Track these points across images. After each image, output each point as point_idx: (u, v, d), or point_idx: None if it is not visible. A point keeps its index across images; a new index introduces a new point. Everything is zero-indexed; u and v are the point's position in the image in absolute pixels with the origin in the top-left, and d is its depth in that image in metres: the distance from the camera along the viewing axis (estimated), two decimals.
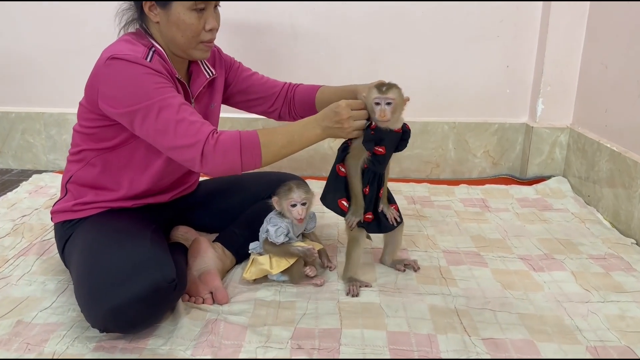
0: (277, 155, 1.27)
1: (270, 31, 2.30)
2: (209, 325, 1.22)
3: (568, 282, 1.45)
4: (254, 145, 1.23)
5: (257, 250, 1.42)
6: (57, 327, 1.23)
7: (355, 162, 1.35)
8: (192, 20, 1.28)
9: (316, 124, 1.29)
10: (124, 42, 1.29)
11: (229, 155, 1.21)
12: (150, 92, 1.20)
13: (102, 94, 1.24)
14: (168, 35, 1.31)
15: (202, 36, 1.32)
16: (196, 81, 1.43)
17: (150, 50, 1.28)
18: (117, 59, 1.21)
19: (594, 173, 2.04)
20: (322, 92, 1.56)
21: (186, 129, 1.20)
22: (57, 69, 2.40)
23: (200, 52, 1.35)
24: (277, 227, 1.38)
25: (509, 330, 1.23)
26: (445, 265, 1.54)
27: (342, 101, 1.29)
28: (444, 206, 2.03)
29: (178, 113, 1.20)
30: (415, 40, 2.30)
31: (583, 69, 2.22)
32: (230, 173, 1.25)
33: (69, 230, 1.38)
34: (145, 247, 1.22)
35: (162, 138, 1.21)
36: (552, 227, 1.83)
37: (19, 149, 2.49)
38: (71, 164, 1.41)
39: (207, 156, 1.20)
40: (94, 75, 1.27)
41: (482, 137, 2.40)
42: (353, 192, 1.37)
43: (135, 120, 1.22)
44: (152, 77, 1.22)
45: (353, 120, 1.29)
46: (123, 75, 1.21)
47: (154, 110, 1.20)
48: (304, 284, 1.42)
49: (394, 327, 1.23)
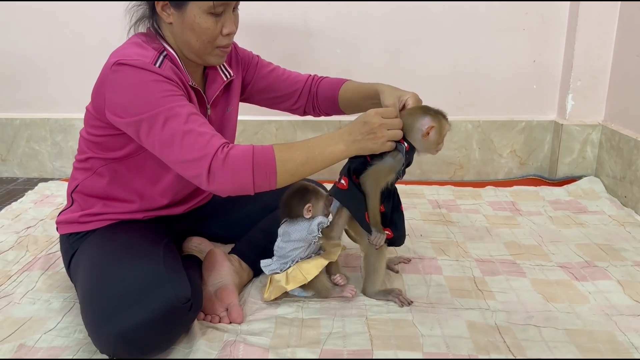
0: (294, 175, 1.14)
1: (283, 29, 2.20)
2: (227, 348, 1.12)
3: (615, 293, 1.34)
4: (268, 162, 1.10)
5: (270, 268, 1.30)
6: (62, 351, 1.13)
7: (379, 184, 1.22)
8: (208, 24, 1.17)
9: (340, 139, 1.16)
10: (133, 45, 1.18)
11: (239, 173, 1.08)
12: (158, 101, 1.10)
13: (108, 102, 1.14)
14: (181, 38, 1.20)
15: (219, 41, 1.21)
16: (212, 86, 1.32)
17: (161, 55, 1.17)
18: (124, 65, 1.11)
19: (631, 172, 1.92)
20: (346, 89, 1.43)
21: (194, 141, 1.08)
22: (61, 72, 2.31)
23: (215, 58, 1.24)
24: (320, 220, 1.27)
25: (557, 349, 1.12)
26: (480, 276, 1.42)
27: (370, 110, 1.16)
28: (471, 210, 1.92)
29: (186, 123, 1.09)
30: (436, 35, 2.19)
31: (615, 61, 2.09)
32: (240, 193, 1.11)
33: (76, 244, 1.28)
34: (158, 264, 1.12)
35: (168, 151, 1.10)
36: (589, 231, 1.71)
37: (24, 156, 2.40)
38: (78, 172, 1.31)
39: (215, 173, 1.08)
40: (101, 81, 1.17)
41: (508, 136, 2.28)
42: (371, 214, 1.24)
43: (140, 131, 1.11)
44: (160, 85, 1.11)
45: (386, 129, 1.16)
46: (129, 82, 1.11)
47: (159, 120, 1.09)
48: (333, 298, 1.31)
49: (431, 348, 1.12)
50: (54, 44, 2.27)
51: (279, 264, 1.29)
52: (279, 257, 1.30)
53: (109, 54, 1.17)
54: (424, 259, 1.52)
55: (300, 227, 1.28)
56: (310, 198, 1.28)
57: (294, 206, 1.28)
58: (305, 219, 1.28)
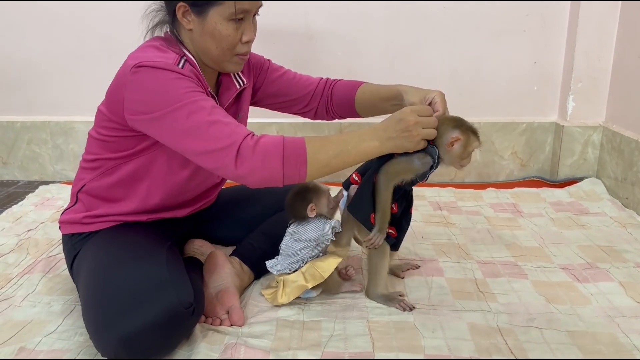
0: (326, 167, 1.09)
1: (284, 31, 2.20)
2: (228, 351, 1.11)
3: (617, 294, 1.33)
4: (299, 152, 1.07)
5: (278, 268, 1.30)
6: (62, 354, 1.12)
7: (393, 179, 1.20)
8: (229, 32, 1.16)
9: (374, 135, 1.12)
10: (151, 48, 1.17)
11: (269, 160, 1.05)
12: (181, 96, 1.08)
13: (128, 103, 1.12)
14: (201, 45, 1.19)
15: (238, 48, 1.20)
16: (225, 93, 1.31)
17: (182, 59, 1.16)
18: (145, 67, 1.09)
19: (632, 174, 1.92)
20: (363, 91, 1.40)
21: (220, 130, 1.06)
22: (62, 74, 2.30)
23: (234, 66, 1.23)
24: (334, 224, 1.27)
25: (559, 351, 1.11)
26: (481, 278, 1.42)
27: (405, 107, 1.14)
28: (472, 212, 1.91)
29: (210, 115, 1.07)
30: (437, 36, 2.19)
31: (617, 62, 2.09)
32: (269, 183, 1.08)
33: (78, 245, 1.28)
34: (161, 268, 1.11)
35: (192, 141, 1.08)
36: (591, 232, 1.71)
37: (25, 159, 2.40)
38: (85, 172, 1.30)
39: (244, 157, 1.04)
40: (119, 84, 1.15)
41: (509, 137, 2.27)
42: (381, 208, 1.22)
43: (164, 125, 1.09)
44: (182, 82, 1.10)
45: (422, 127, 1.14)
46: (152, 81, 1.09)
47: (184, 112, 1.07)
48: (333, 300, 1.31)
49: (433, 350, 1.12)
50: (56, 47, 2.27)
51: (287, 264, 1.29)
52: (285, 256, 1.29)
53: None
54: (426, 261, 1.51)
55: (312, 227, 1.27)
56: (311, 198, 1.27)
57: (297, 208, 1.28)
58: (317, 220, 1.28)
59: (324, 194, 1.30)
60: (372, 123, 1.22)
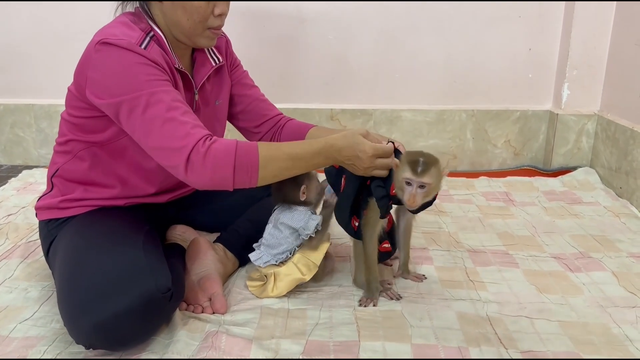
0: (276, 177, 1.11)
1: (275, 14, 2.15)
2: (209, 339, 1.07)
3: (610, 284, 1.31)
4: (251, 162, 1.06)
5: (263, 261, 1.25)
6: (37, 341, 1.09)
7: (372, 229, 1.20)
8: (200, 3, 1.13)
9: (328, 155, 1.13)
10: (119, 24, 1.13)
11: (220, 169, 1.04)
12: (141, 84, 1.06)
13: (89, 82, 1.10)
14: (172, 18, 1.15)
15: (210, 22, 1.16)
16: (200, 70, 1.27)
17: (148, 36, 1.13)
18: (108, 44, 1.07)
19: (626, 163, 1.89)
20: (313, 134, 1.36)
21: (174, 129, 1.04)
22: (46, 57, 2.24)
23: (206, 40, 1.20)
24: (318, 221, 1.24)
25: (550, 342, 1.08)
26: (471, 267, 1.39)
27: (368, 145, 1.11)
28: (464, 200, 1.88)
29: (168, 111, 1.05)
30: (431, 22, 2.15)
31: (613, 50, 2.05)
32: (218, 188, 1.08)
33: (55, 231, 1.24)
34: (138, 252, 1.08)
35: (147, 136, 1.06)
36: (584, 222, 1.68)
37: (9, 143, 2.34)
38: (58, 155, 1.26)
39: (194, 165, 1.04)
40: (83, 60, 1.12)
41: (502, 125, 2.24)
42: (368, 262, 1.21)
43: (120, 113, 1.07)
44: (144, 68, 1.07)
45: (374, 169, 1.14)
46: (112, 63, 1.07)
47: (141, 104, 1.05)
48: (321, 288, 1.28)
49: (420, 339, 1.09)
50: (39, 29, 2.21)
51: (272, 255, 1.25)
52: (268, 246, 1.26)
53: None
54: (415, 249, 1.48)
55: (297, 215, 1.24)
56: (303, 180, 1.24)
57: (289, 191, 1.25)
58: (304, 209, 1.25)
59: (314, 178, 1.28)
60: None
